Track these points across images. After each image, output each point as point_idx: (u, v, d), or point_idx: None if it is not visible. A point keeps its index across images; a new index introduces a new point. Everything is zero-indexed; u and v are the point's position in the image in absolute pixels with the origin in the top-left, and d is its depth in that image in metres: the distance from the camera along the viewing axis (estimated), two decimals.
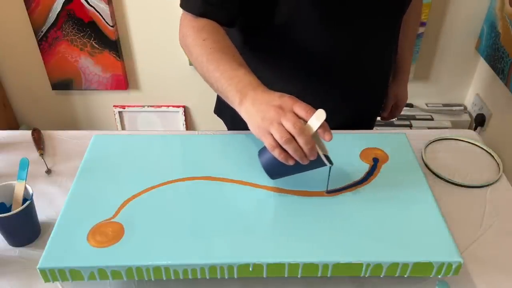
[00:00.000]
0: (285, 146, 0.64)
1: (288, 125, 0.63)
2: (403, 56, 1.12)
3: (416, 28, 1.12)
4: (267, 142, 0.65)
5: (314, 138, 0.66)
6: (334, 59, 0.89)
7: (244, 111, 0.68)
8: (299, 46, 0.87)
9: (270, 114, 0.64)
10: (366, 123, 1.09)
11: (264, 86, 0.70)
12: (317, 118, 0.64)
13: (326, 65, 0.90)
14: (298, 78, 0.92)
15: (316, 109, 0.66)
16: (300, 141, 0.63)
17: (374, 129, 1.18)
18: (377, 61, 0.95)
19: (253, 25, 0.90)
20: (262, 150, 0.71)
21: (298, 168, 0.68)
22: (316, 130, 0.64)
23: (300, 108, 0.64)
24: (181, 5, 0.82)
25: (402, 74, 1.14)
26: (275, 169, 0.71)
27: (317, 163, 0.67)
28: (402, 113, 1.89)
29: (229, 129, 1.10)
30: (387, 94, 1.18)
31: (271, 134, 0.64)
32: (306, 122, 0.65)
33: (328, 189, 0.74)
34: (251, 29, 0.91)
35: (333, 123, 0.95)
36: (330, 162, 0.70)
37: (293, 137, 0.63)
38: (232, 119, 1.07)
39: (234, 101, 0.71)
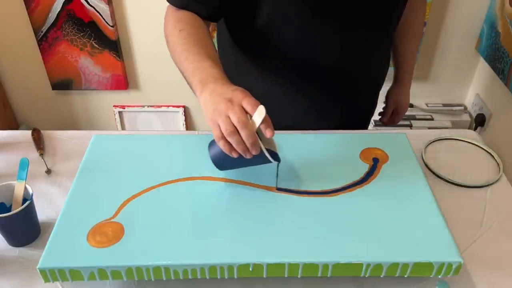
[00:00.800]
0: (228, 138, 0.65)
1: (234, 118, 0.64)
2: (405, 61, 1.10)
3: (419, 34, 1.10)
4: (214, 133, 0.66)
5: (261, 134, 0.67)
6: (318, 59, 0.89)
7: (202, 102, 0.70)
8: (283, 46, 0.87)
9: (221, 106, 0.66)
10: (359, 125, 1.07)
11: (225, 79, 0.71)
12: (259, 114, 0.64)
13: (311, 65, 0.90)
14: (284, 78, 0.93)
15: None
16: (243, 134, 0.64)
17: (374, 129, 1.18)
18: (364, 62, 0.94)
19: (237, 22, 0.91)
20: (212, 142, 0.72)
21: (244, 161, 0.68)
22: (259, 126, 0.65)
23: (247, 103, 0.65)
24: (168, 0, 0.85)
25: (402, 79, 1.13)
26: (221, 161, 0.72)
27: (262, 158, 0.68)
28: None
29: None
30: (387, 99, 1.18)
31: (219, 126, 0.66)
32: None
33: (278, 186, 0.74)
34: (237, 27, 0.92)
35: (323, 123, 0.96)
36: (277, 159, 0.71)
37: (238, 130, 0.65)
38: None
39: (196, 91, 0.72)
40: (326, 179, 0.76)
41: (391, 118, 1.19)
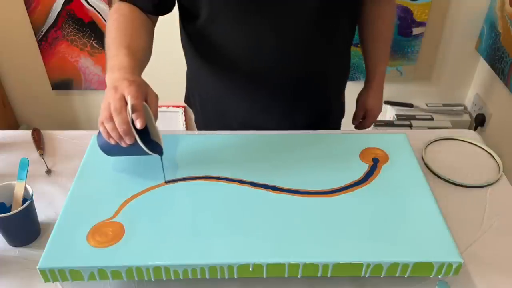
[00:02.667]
0: (105, 124, 0.67)
1: (111, 105, 0.66)
2: (374, 65, 1.09)
3: (388, 38, 1.07)
4: (99, 119, 0.68)
5: (149, 124, 0.70)
6: (256, 58, 0.89)
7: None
8: (223, 45, 0.89)
9: (107, 93, 0.68)
10: (316, 126, 1.02)
11: (131, 69, 0.72)
12: (130, 104, 0.66)
13: (251, 64, 0.90)
14: (227, 76, 0.94)
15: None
16: (116, 121, 0.66)
17: (374, 129, 1.17)
18: (304, 62, 0.92)
19: (184, 20, 0.92)
20: None
21: (125, 150, 0.70)
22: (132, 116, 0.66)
23: (128, 93, 0.66)
24: None
25: (372, 83, 1.11)
26: (106, 147, 0.73)
27: (140, 149, 0.68)
28: (402, 113, 1.91)
29: (196, 119, 1.11)
30: (357, 102, 1.16)
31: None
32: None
33: (166, 179, 0.76)
34: (184, 25, 0.93)
35: (270, 123, 0.96)
36: (158, 152, 0.72)
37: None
38: (201, 107, 1.07)
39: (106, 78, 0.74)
40: (326, 179, 0.76)
41: (361, 122, 1.17)
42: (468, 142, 0.96)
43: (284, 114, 0.98)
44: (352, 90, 1.20)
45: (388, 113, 1.98)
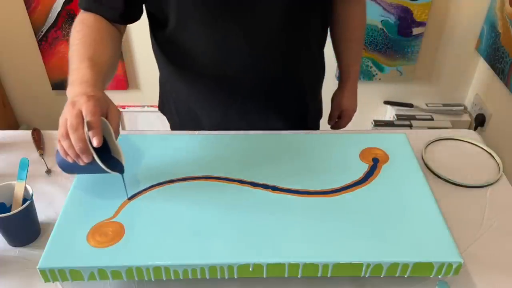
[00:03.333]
0: (61, 142, 0.64)
1: (68, 122, 0.64)
2: (347, 66, 1.09)
3: (359, 39, 1.08)
4: (58, 135, 0.66)
5: (109, 141, 0.67)
6: (227, 63, 0.89)
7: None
8: (194, 50, 0.88)
9: (65, 109, 0.66)
10: (302, 126, 1.04)
11: (92, 82, 0.70)
12: (86, 121, 0.63)
13: (222, 69, 0.90)
14: (200, 81, 0.94)
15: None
16: (72, 138, 0.63)
17: (374, 129, 1.17)
18: (275, 65, 0.92)
19: (153, 26, 0.91)
20: None
21: (84, 168, 0.67)
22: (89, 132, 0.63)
23: (85, 109, 0.64)
24: (78, 5, 0.85)
25: (346, 83, 1.11)
26: (63, 164, 0.70)
27: (99, 167, 0.65)
28: (402, 113, 1.91)
29: (172, 125, 1.10)
30: (332, 102, 1.16)
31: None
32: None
33: (129, 196, 0.72)
34: (154, 31, 0.92)
35: (245, 126, 0.96)
36: (119, 170, 0.69)
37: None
38: (176, 113, 1.07)
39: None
40: (326, 179, 0.76)
41: (337, 122, 1.17)
42: (468, 142, 0.96)
43: (260, 118, 0.98)
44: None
45: (388, 113, 1.98)
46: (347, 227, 0.67)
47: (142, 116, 2.00)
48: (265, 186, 0.75)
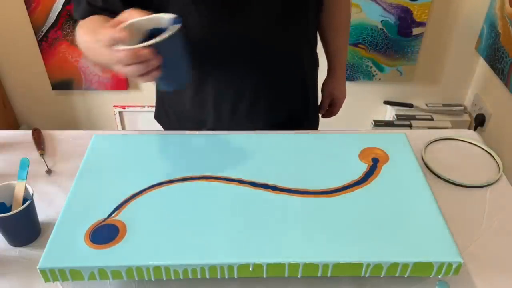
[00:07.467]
0: (129, 73, 0.65)
1: (112, 61, 0.65)
2: (335, 54, 1.11)
3: (345, 26, 1.10)
4: (124, 75, 0.68)
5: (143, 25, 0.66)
6: (231, 55, 0.89)
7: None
8: (196, 44, 0.85)
9: (102, 55, 0.69)
10: (292, 123, 1.03)
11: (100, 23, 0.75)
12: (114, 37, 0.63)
13: (224, 62, 0.90)
14: (197, 64, 0.90)
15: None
16: (129, 62, 0.63)
17: (374, 129, 1.17)
18: (269, 50, 0.91)
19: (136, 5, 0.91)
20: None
21: (166, 61, 0.66)
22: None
23: (106, 37, 0.64)
24: (74, 16, 0.87)
25: (335, 70, 1.13)
26: (160, 83, 0.72)
27: (164, 44, 0.63)
28: (402, 113, 1.91)
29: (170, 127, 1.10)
30: (322, 91, 1.17)
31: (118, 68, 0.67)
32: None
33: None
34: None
35: (253, 120, 0.96)
36: (175, 21, 0.66)
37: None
38: (167, 126, 1.07)
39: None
40: (326, 179, 0.76)
41: (328, 110, 1.19)
42: (468, 142, 0.96)
43: (265, 111, 0.98)
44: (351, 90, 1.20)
45: (388, 113, 1.98)
46: (347, 227, 0.67)
47: (142, 116, 2.00)
48: (265, 186, 0.75)
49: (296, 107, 1.03)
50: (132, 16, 0.66)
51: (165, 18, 0.67)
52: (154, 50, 0.63)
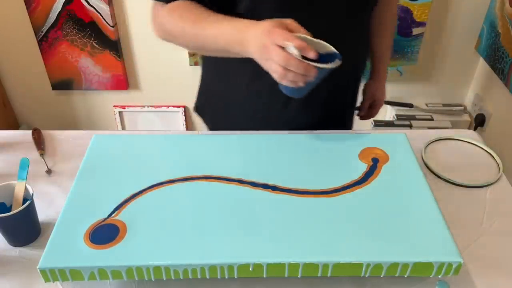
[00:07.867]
0: (286, 79, 0.70)
1: (279, 62, 0.68)
2: (380, 56, 1.12)
3: (393, 28, 1.12)
4: (276, 78, 0.72)
5: (314, 44, 0.70)
6: None
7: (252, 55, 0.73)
8: None
9: (264, 54, 0.70)
10: (339, 119, 1.06)
11: (243, 21, 0.74)
12: (292, 45, 0.67)
13: None
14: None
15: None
16: (293, 69, 0.67)
17: (374, 129, 1.18)
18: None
19: (220, 10, 0.89)
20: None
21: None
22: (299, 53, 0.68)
23: (278, 41, 0.68)
24: None
25: (379, 73, 1.15)
26: (295, 93, 0.76)
27: (324, 71, 0.69)
28: (402, 113, 1.91)
29: (209, 128, 1.10)
30: (364, 93, 1.18)
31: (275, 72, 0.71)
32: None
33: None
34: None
35: (303, 116, 0.96)
36: (337, 56, 0.71)
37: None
38: (212, 117, 1.07)
39: (235, 48, 0.76)
40: (326, 179, 0.76)
41: (368, 112, 1.20)
42: (468, 142, 0.96)
43: (318, 106, 0.98)
44: None
45: (388, 113, 1.98)
46: (347, 227, 0.67)
47: (142, 116, 2.00)
48: (265, 186, 0.75)
49: (346, 105, 1.05)
50: (299, 30, 0.70)
51: (334, 51, 0.73)
52: (316, 72, 0.69)
